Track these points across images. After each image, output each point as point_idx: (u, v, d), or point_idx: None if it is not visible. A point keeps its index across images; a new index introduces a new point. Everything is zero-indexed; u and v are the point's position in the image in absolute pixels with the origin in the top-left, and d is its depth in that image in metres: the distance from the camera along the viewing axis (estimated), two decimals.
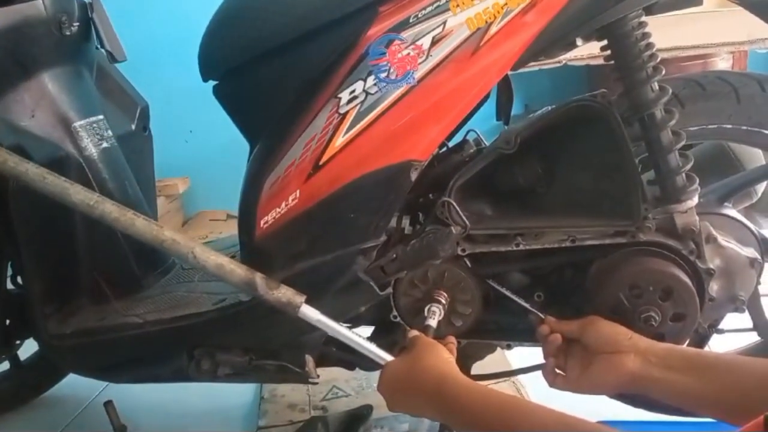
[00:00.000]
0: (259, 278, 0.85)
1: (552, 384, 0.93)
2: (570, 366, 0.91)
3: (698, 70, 1.92)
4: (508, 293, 0.98)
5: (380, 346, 0.94)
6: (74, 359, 1.12)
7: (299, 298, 0.87)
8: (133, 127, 1.30)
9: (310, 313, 0.85)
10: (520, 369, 1.17)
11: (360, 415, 1.25)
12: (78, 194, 0.86)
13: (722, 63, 2.06)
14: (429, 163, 1.00)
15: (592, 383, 0.88)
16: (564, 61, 1.70)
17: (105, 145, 1.18)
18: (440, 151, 1.05)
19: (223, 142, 2.52)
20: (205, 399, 1.40)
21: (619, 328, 0.87)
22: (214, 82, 1.04)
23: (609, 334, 0.86)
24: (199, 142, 2.41)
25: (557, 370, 0.92)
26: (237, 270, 0.84)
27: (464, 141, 1.05)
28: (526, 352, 1.06)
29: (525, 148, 0.91)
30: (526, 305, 0.97)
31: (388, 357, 0.87)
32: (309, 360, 0.99)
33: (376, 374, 1.42)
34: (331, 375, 1.38)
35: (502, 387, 1.32)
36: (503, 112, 1.02)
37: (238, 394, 1.41)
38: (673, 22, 1.18)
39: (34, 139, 1.07)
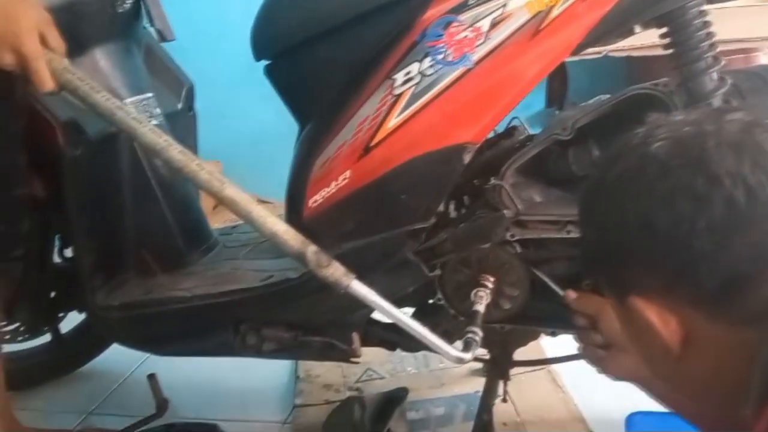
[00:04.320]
0: (311, 252, 0.85)
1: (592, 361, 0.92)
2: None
3: (740, 64, 1.89)
4: (547, 280, 0.98)
5: None
6: (121, 330, 1.14)
7: (349, 278, 0.87)
8: (180, 106, 1.31)
9: (360, 290, 0.86)
10: (556, 358, 1.18)
11: (396, 398, 1.26)
12: (146, 135, 0.84)
13: (765, 58, 2.03)
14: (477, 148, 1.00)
15: (610, 372, 0.88)
16: (604, 52, 1.68)
17: (154, 122, 1.19)
18: (488, 137, 1.05)
19: (255, 128, 2.54)
20: (241, 378, 1.42)
21: None
22: (256, 63, 1.05)
23: (617, 329, 0.84)
24: (232, 127, 2.42)
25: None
26: (291, 240, 0.84)
27: (514, 127, 1.05)
28: (562, 342, 1.06)
29: (580, 135, 0.91)
30: (560, 292, 0.96)
31: (437, 340, 0.87)
32: (355, 337, 1.00)
33: (410, 358, 1.45)
34: (366, 358, 1.38)
35: (538, 376, 1.33)
36: (556, 98, 1.02)
37: (274, 373, 1.43)
38: (714, 15, 1.16)
39: (87, 115, 1.08)
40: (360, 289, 0.86)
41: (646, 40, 1.57)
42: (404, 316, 0.87)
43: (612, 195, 0.54)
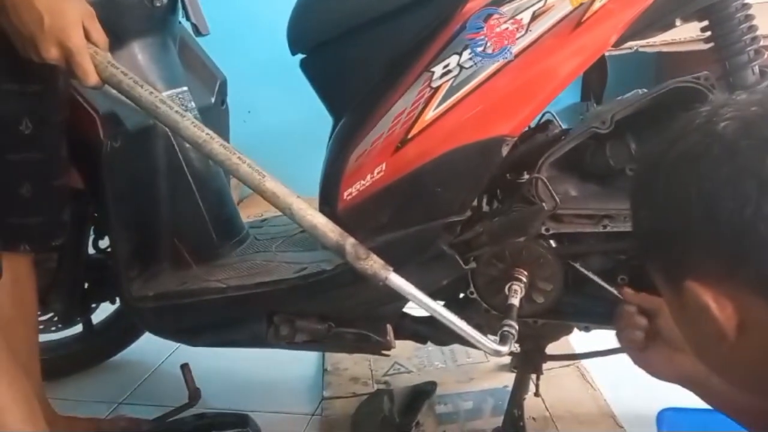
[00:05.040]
0: (349, 245, 0.86)
1: (628, 350, 0.90)
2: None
3: None
4: (590, 275, 0.97)
5: None
6: (156, 321, 1.15)
7: (387, 271, 0.88)
8: (213, 100, 1.33)
9: (398, 282, 0.86)
10: (589, 353, 1.17)
11: (425, 391, 1.26)
12: (188, 129, 0.86)
13: None
14: None
15: (647, 364, 0.85)
16: (635, 47, 1.67)
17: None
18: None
19: (281, 124, 2.55)
20: (269, 370, 1.43)
21: None
22: (284, 58, 1.06)
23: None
24: (258, 123, 2.44)
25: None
26: (329, 233, 0.85)
27: (548, 121, 1.04)
28: (590, 338, 1.06)
29: (617, 129, 0.91)
30: (608, 287, 0.96)
31: (474, 333, 0.87)
32: (389, 329, 1.00)
33: (437, 353, 1.45)
34: (393, 351, 1.39)
35: (567, 371, 1.32)
36: (595, 92, 1.02)
37: (302, 365, 1.44)
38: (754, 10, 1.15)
39: (126, 108, 1.09)
40: (398, 281, 0.86)
41: (678, 35, 1.56)
42: (443, 308, 0.88)
43: (673, 174, 0.53)
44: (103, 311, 1.44)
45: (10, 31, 0.84)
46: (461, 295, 1.05)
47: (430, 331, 1.07)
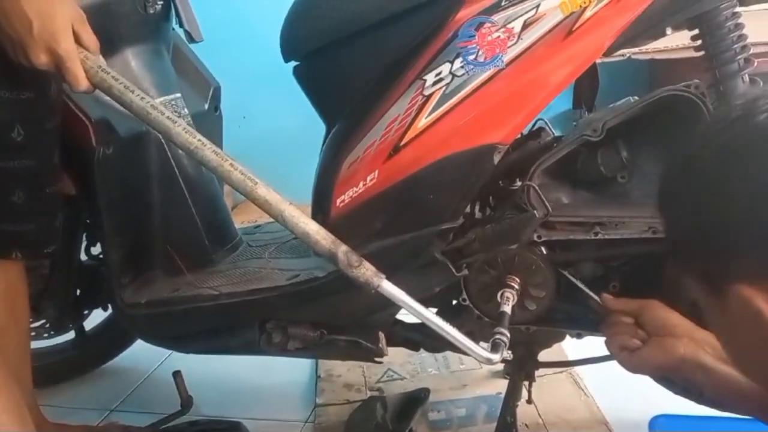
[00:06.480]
0: (342, 252, 0.86)
1: (619, 356, 0.88)
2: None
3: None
4: (578, 283, 0.98)
5: None
6: (148, 328, 1.15)
7: (379, 278, 0.87)
8: (206, 106, 1.33)
9: (390, 290, 0.86)
10: (581, 360, 1.18)
11: (418, 398, 1.26)
12: (180, 135, 0.85)
13: None
14: None
15: (640, 362, 0.84)
16: (628, 55, 1.68)
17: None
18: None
19: (276, 130, 2.56)
20: (262, 377, 1.43)
21: (678, 315, 0.83)
22: (278, 64, 1.06)
23: (666, 318, 0.83)
24: (252, 129, 2.44)
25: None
26: (322, 240, 0.85)
27: (541, 128, 1.05)
28: (583, 344, 1.06)
29: (609, 136, 0.91)
30: (592, 294, 0.96)
31: (466, 341, 0.87)
32: (381, 337, 1.00)
33: (430, 359, 1.45)
34: (386, 358, 1.38)
35: (559, 378, 1.32)
36: (586, 100, 1.02)
37: (295, 372, 1.44)
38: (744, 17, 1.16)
39: (118, 114, 1.09)
40: (390, 289, 0.86)
41: (670, 42, 1.57)
42: (434, 316, 0.88)
43: (713, 172, 0.50)
44: (95, 318, 1.43)
45: (1, 36, 0.84)
46: (454, 302, 1.05)
47: (422, 338, 1.07)
